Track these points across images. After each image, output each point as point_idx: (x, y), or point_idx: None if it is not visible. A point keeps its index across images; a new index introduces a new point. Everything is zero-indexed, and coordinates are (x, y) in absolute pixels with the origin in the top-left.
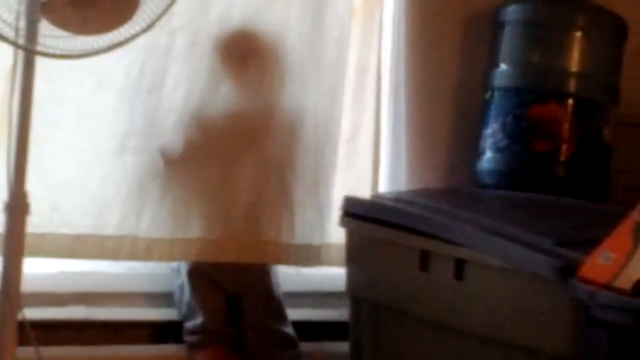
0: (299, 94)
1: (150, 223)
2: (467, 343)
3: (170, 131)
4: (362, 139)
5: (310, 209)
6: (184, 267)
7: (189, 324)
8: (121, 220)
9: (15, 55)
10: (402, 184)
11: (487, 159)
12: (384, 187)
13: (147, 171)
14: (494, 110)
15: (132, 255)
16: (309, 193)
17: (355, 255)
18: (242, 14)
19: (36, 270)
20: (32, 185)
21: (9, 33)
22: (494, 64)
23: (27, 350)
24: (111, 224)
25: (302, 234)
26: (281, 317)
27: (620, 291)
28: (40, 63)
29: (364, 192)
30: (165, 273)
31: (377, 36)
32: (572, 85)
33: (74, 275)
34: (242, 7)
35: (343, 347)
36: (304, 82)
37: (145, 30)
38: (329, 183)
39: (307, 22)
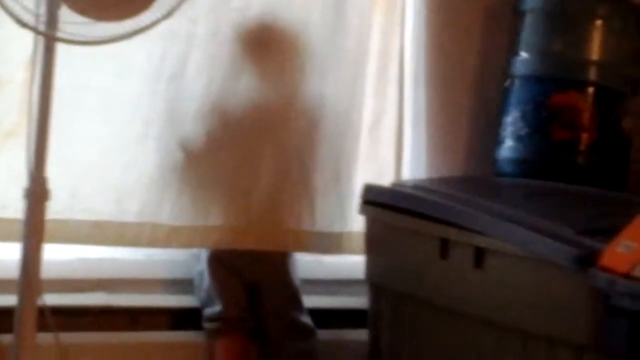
0: (320, 82)
1: (171, 210)
2: (486, 331)
3: (192, 119)
4: (385, 127)
5: (331, 197)
6: (204, 254)
7: (208, 311)
8: (142, 207)
9: (36, 42)
10: (423, 172)
11: (507, 147)
12: (406, 175)
13: (168, 158)
14: (514, 98)
15: (152, 242)
16: (329, 181)
17: (374, 243)
18: (263, 2)
19: (55, 256)
20: (52, 171)
21: (30, 19)
22: (514, 52)
23: (47, 336)
24: (132, 210)
25: (322, 222)
26: (299, 306)
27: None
28: (61, 49)
29: (387, 180)
30: (185, 260)
31: (399, 24)
32: (592, 74)
33: (93, 262)
34: None
35: (362, 334)
36: (325, 71)
37: (166, 17)
38: (350, 171)
39: (328, 10)
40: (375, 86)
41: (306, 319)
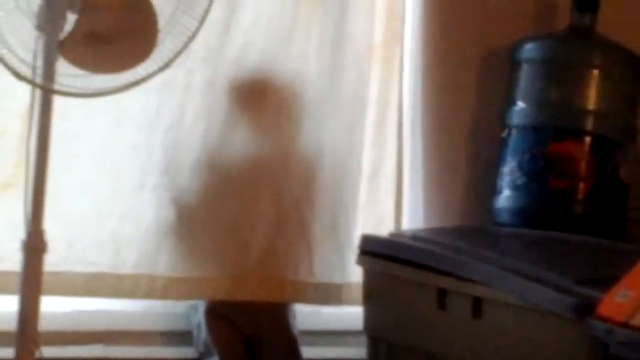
0: (318, 132)
1: (168, 261)
2: None
3: (188, 170)
4: (384, 176)
5: (329, 247)
6: (201, 305)
7: None
8: (138, 258)
9: (33, 94)
10: (421, 222)
11: (505, 197)
12: (406, 225)
13: (164, 209)
14: (511, 148)
15: (149, 294)
16: (328, 231)
17: (372, 293)
18: (260, 53)
19: (53, 308)
20: (49, 222)
21: (27, 72)
22: (511, 102)
23: None
24: (128, 262)
25: (321, 273)
26: (297, 358)
27: (638, 329)
28: (58, 101)
29: (387, 230)
30: (183, 311)
31: (397, 73)
32: (589, 123)
33: (91, 314)
34: (261, 46)
35: None
36: (323, 120)
37: (162, 69)
38: (348, 221)
39: (325, 60)
40: (374, 135)
41: None
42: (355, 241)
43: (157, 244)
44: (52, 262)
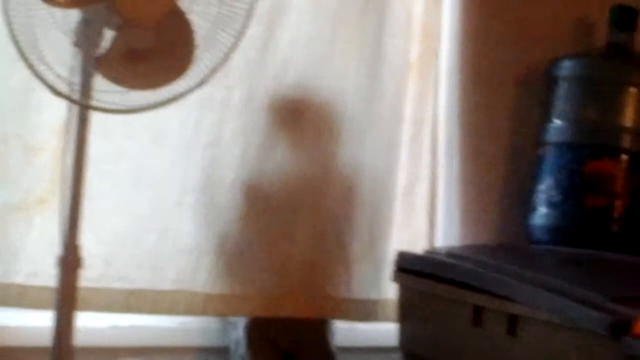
0: (355, 149)
1: (207, 278)
2: None
3: (227, 187)
4: (419, 193)
5: (366, 264)
6: (241, 321)
7: None
8: (177, 275)
9: (69, 110)
10: (456, 239)
11: (540, 214)
12: (440, 242)
13: (203, 226)
14: (547, 166)
15: (188, 311)
16: (365, 248)
17: (407, 310)
18: (299, 69)
19: (88, 324)
20: (86, 239)
21: (64, 88)
22: (547, 119)
23: None
24: (167, 278)
25: (359, 289)
26: None
27: None
28: (96, 117)
29: (421, 247)
30: (219, 327)
31: (432, 90)
32: (626, 141)
33: (127, 329)
34: (299, 63)
35: None
36: (361, 137)
37: (200, 85)
38: (385, 238)
39: (363, 77)
40: (409, 152)
41: None
42: (391, 258)
43: (196, 260)
44: (90, 278)
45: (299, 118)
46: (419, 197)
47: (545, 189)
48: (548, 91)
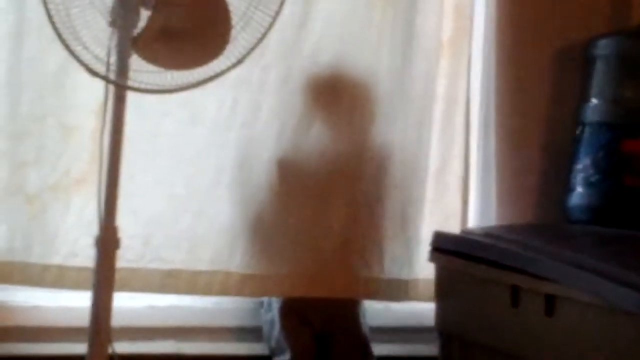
0: (388, 129)
1: (243, 258)
2: None
3: (263, 167)
4: (451, 172)
5: (399, 244)
6: (275, 302)
7: (278, 359)
8: (213, 255)
9: (106, 91)
10: (492, 219)
11: (578, 194)
12: (472, 222)
13: (239, 206)
14: (585, 145)
15: (224, 291)
16: (397, 228)
17: (444, 290)
18: (334, 49)
19: (125, 304)
20: (124, 220)
21: (100, 68)
22: (585, 98)
23: None
24: (204, 259)
25: (391, 269)
26: (368, 355)
27: None
28: (132, 97)
29: (453, 227)
30: (254, 307)
31: (465, 69)
32: None
33: (163, 310)
34: (334, 42)
35: None
36: (393, 118)
37: (236, 65)
38: (417, 217)
39: (396, 57)
40: (442, 132)
41: None
42: (423, 237)
43: (232, 241)
44: (128, 258)
45: (333, 97)
46: (452, 176)
47: (582, 168)
48: (585, 70)
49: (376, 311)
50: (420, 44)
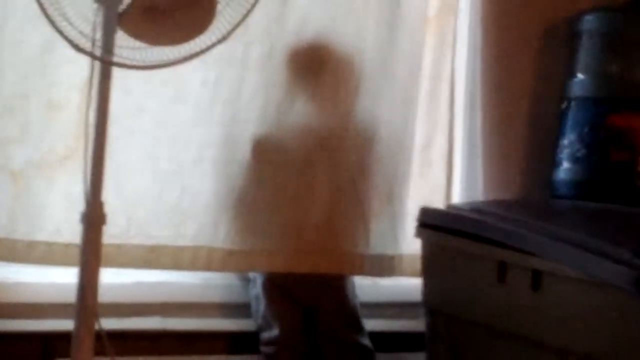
0: (373, 105)
1: (227, 234)
2: (544, 355)
3: (247, 143)
4: (436, 149)
5: (384, 220)
6: (259, 278)
7: (265, 335)
8: (198, 231)
9: (92, 67)
10: (478, 195)
11: (564, 169)
12: (457, 198)
13: (223, 182)
14: (570, 120)
15: (208, 266)
16: (383, 203)
17: (431, 266)
18: (318, 25)
19: (112, 280)
20: (108, 196)
21: (86, 44)
22: (570, 74)
23: None
24: (188, 235)
25: (376, 245)
26: (358, 327)
27: None
28: (117, 74)
29: (438, 202)
30: (241, 284)
31: (450, 46)
32: None
33: (150, 286)
34: (318, 18)
35: (420, 358)
36: (378, 94)
37: (221, 41)
38: (402, 193)
39: (381, 33)
40: (427, 108)
41: (365, 341)
42: (409, 213)
43: (216, 216)
44: (112, 234)
45: (317, 74)
46: (437, 152)
47: (569, 143)
48: (571, 46)
49: (364, 287)
50: (405, 20)
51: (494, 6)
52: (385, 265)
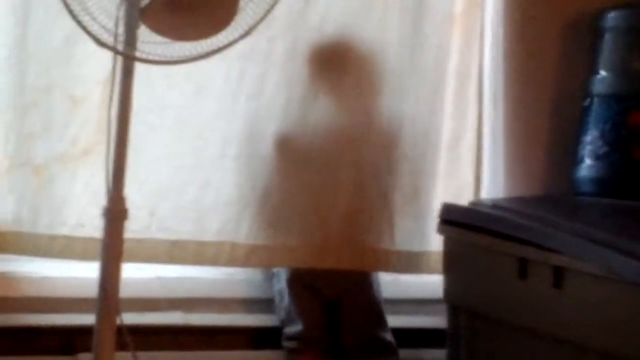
0: (398, 102)
1: (250, 229)
2: (564, 351)
3: (270, 138)
4: (464, 146)
5: (410, 216)
6: (283, 273)
7: (288, 330)
8: (220, 226)
9: (114, 62)
10: (500, 191)
11: (586, 166)
12: (485, 194)
13: (246, 177)
14: (593, 117)
15: (231, 261)
16: (408, 200)
17: (452, 262)
18: (341, 20)
19: (133, 275)
20: (131, 191)
21: (108, 39)
22: (593, 70)
23: (125, 355)
24: (210, 230)
25: (401, 241)
26: (381, 323)
27: None
28: (139, 69)
29: (466, 199)
30: (263, 279)
31: (477, 43)
32: None
33: (171, 281)
34: (341, 13)
35: (441, 354)
36: (403, 90)
37: (243, 36)
38: (429, 190)
39: (406, 30)
40: (454, 106)
41: (388, 336)
42: (435, 210)
43: (239, 212)
44: (134, 229)
45: (341, 70)
46: (465, 149)
47: (590, 140)
48: (594, 42)
49: (386, 283)
50: (430, 14)
51: (517, 3)
52: (411, 262)
